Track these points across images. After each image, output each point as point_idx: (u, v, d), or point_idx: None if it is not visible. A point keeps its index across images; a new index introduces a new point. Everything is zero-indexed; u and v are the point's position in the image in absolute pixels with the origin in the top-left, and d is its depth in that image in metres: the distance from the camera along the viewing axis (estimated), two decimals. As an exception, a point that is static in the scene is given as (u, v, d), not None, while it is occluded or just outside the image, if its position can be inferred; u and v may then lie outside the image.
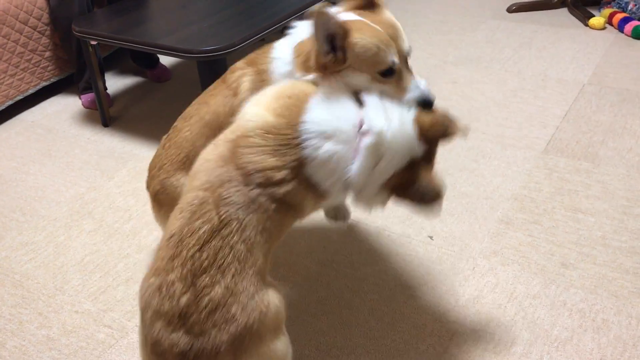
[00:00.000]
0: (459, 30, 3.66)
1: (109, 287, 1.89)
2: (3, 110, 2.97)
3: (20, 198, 2.37)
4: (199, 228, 1.23)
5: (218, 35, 2.34)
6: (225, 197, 1.25)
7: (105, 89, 2.93)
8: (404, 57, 1.37)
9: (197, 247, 1.22)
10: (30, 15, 2.92)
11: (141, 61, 3.25)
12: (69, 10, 2.80)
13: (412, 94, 1.36)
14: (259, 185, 1.26)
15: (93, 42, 2.63)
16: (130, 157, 2.58)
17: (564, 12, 3.81)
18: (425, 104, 1.36)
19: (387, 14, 1.41)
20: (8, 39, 2.86)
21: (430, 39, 3.56)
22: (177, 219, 1.27)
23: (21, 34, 2.91)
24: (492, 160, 2.36)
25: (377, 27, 1.34)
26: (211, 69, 2.32)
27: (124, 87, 3.25)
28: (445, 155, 2.42)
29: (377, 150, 1.28)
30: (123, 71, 3.44)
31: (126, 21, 2.58)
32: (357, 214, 2.11)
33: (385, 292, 1.79)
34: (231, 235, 1.23)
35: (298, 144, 1.28)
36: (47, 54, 3.06)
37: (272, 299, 1.26)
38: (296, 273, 1.89)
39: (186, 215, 1.25)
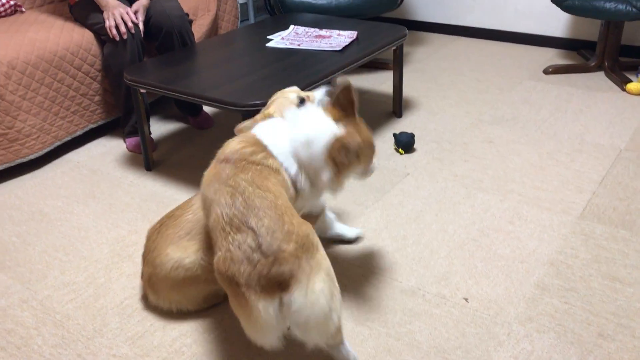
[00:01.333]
0: (495, 89, 3.71)
1: (147, 332, 1.93)
2: (51, 150, 3.09)
3: (64, 237, 2.45)
4: (225, 200, 1.58)
5: (263, 90, 2.43)
6: (227, 176, 1.64)
7: (150, 133, 3.04)
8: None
9: (230, 207, 1.56)
10: (84, 62, 3.07)
11: (185, 108, 3.36)
12: (121, 58, 2.94)
13: None
14: (242, 159, 1.69)
15: (142, 91, 2.74)
16: (171, 202, 2.65)
17: (600, 75, 3.84)
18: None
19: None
20: (62, 84, 3.00)
21: (467, 96, 3.62)
22: (205, 215, 1.69)
23: (74, 79, 3.05)
24: (528, 223, 2.37)
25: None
26: (255, 122, 2.41)
27: (167, 133, 3.36)
28: (481, 215, 2.43)
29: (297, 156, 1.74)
30: (167, 117, 3.56)
31: (175, 72, 2.69)
32: (394, 272, 2.13)
33: (419, 353, 1.79)
34: (245, 188, 1.59)
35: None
36: (97, 98, 3.19)
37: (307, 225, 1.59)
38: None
39: (212, 206, 1.62)
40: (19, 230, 2.52)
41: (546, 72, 3.91)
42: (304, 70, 2.64)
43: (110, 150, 3.19)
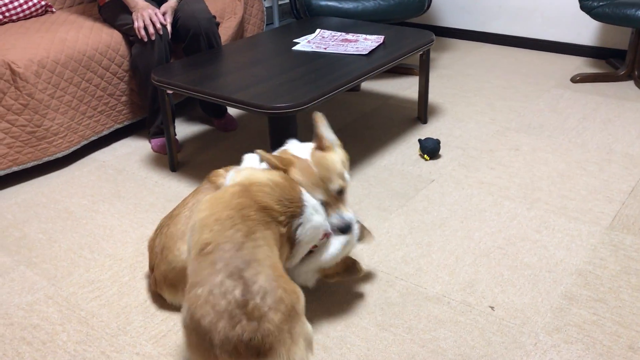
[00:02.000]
0: (522, 97, 3.67)
1: (170, 331, 1.94)
2: (78, 149, 3.12)
3: (89, 236, 2.47)
4: (233, 235, 1.49)
5: (289, 93, 2.43)
6: (248, 215, 1.55)
7: (175, 134, 3.05)
8: (331, 193, 1.79)
9: (236, 248, 1.46)
10: (112, 62, 3.10)
11: (210, 110, 3.38)
12: (149, 59, 2.96)
13: (332, 220, 1.81)
14: (270, 215, 1.61)
15: (169, 92, 2.76)
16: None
17: (630, 85, 3.79)
18: (342, 230, 1.82)
19: (331, 156, 1.83)
20: (90, 83, 3.03)
21: (492, 104, 3.58)
22: (206, 232, 1.51)
23: (102, 78, 3.08)
24: (556, 233, 2.33)
25: (313, 169, 1.78)
26: (282, 124, 2.40)
27: (192, 134, 3.37)
28: (507, 223, 2.40)
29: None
30: (192, 118, 3.58)
31: (202, 74, 2.70)
32: (419, 279, 2.11)
33: (444, 361, 1.77)
34: (258, 239, 1.51)
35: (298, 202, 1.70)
36: (123, 98, 3.22)
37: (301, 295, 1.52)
38: (353, 333, 1.89)
39: (216, 228, 1.51)
40: (45, 227, 2.54)
41: (574, 80, 3.86)
42: (331, 73, 2.63)
43: (135, 150, 3.22)
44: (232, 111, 3.54)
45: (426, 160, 2.95)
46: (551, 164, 2.86)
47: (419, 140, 2.99)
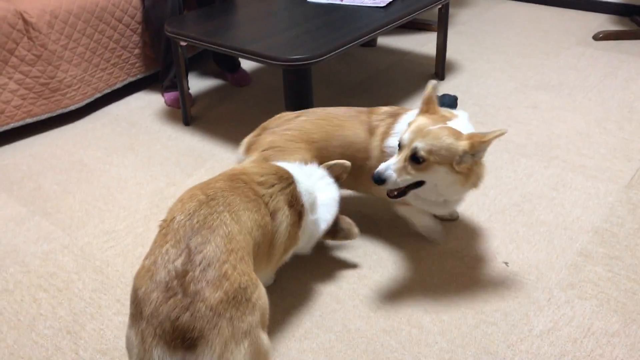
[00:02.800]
0: (541, 54, 3.59)
1: (184, 281, 1.95)
2: (91, 102, 3.11)
3: (104, 187, 2.48)
4: (188, 206, 1.37)
5: (304, 45, 2.38)
6: (211, 185, 1.46)
7: (188, 88, 3.02)
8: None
9: (187, 217, 1.33)
10: (125, 14, 3.06)
11: (224, 64, 3.34)
12: (162, 11, 2.92)
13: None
14: (245, 181, 1.52)
15: (183, 43, 2.72)
16: (209, 157, 2.65)
17: (653, 43, 3.68)
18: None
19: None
20: (103, 35, 3.00)
21: (511, 61, 3.51)
22: (170, 210, 1.43)
23: (115, 30, 3.04)
24: (573, 191, 2.30)
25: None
26: (296, 77, 2.36)
27: (205, 89, 3.34)
28: (524, 180, 2.37)
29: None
30: (205, 73, 3.55)
31: (216, 25, 2.66)
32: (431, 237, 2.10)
33: (457, 314, 1.77)
34: (217, 204, 1.37)
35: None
36: (137, 51, 3.19)
37: (262, 288, 1.34)
38: (366, 286, 1.89)
39: (178, 205, 1.41)
40: (60, 178, 2.55)
41: (596, 38, 3.76)
42: (346, 26, 2.57)
43: (149, 104, 3.20)
44: (245, 66, 3.49)
45: (442, 117, 2.90)
46: (570, 122, 2.81)
47: (437, 97, 2.94)
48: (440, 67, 3.28)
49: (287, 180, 1.63)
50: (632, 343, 1.65)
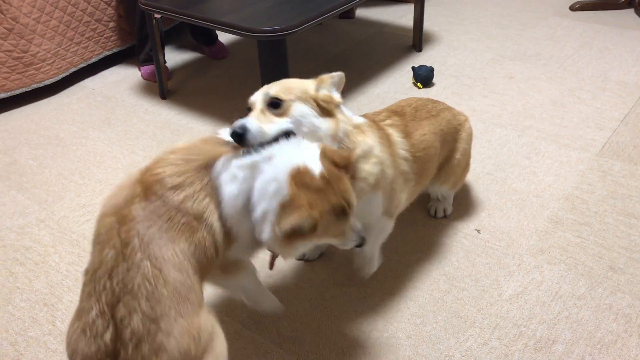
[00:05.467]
0: (519, 25, 3.60)
1: (160, 253, 1.96)
2: (67, 76, 3.08)
3: (80, 161, 2.47)
4: (107, 256, 1.15)
5: (279, 16, 2.37)
6: (126, 215, 1.18)
7: (165, 62, 3.00)
8: None
9: (106, 276, 1.14)
10: (98, -14, 3.01)
11: (200, 37, 3.31)
12: (136, -17, 2.88)
13: None
14: (158, 195, 1.21)
15: (157, 16, 2.69)
16: (186, 130, 2.65)
17: (629, 13, 3.70)
18: None
19: None
20: (76, 8, 2.96)
21: (489, 32, 3.51)
22: (92, 253, 1.21)
23: (89, 3, 3.00)
24: (545, 159, 2.34)
25: None
26: (271, 48, 2.36)
27: (182, 62, 3.32)
28: (498, 150, 2.40)
29: None
30: (182, 46, 3.52)
31: (190, -3, 2.63)
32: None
33: (429, 280, 1.81)
34: (134, 252, 1.14)
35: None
36: (111, 24, 3.15)
37: (205, 323, 1.16)
38: (340, 255, 1.92)
39: (97, 247, 1.19)
40: (36, 153, 2.54)
41: (573, 8, 3.77)
42: (322, -3, 2.56)
43: (125, 78, 3.17)
44: (223, 39, 3.46)
45: (419, 88, 2.92)
46: (545, 91, 2.83)
47: (413, 68, 2.95)
48: (417, 39, 3.28)
49: (206, 170, 1.28)
50: (597, 305, 1.70)
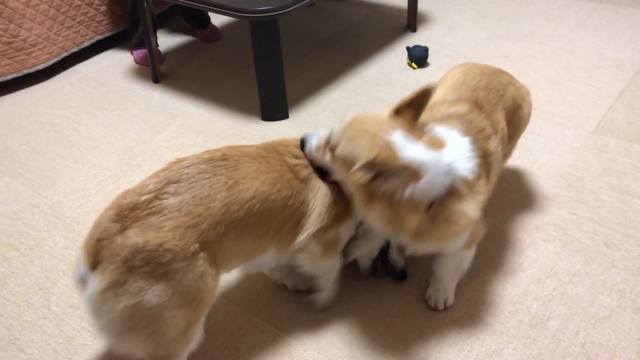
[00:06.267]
0: (514, 3, 3.57)
1: (155, 236, 1.96)
2: (59, 61, 3.05)
3: (73, 146, 2.46)
4: (200, 157, 1.39)
5: (271, -4, 2.35)
6: (238, 149, 1.46)
7: (157, 45, 2.98)
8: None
9: (188, 165, 1.35)
10: (89, -31, 2.97)
11: (193, 20, 3.28)
12: (126, -35, 2.84)
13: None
14: (278, 152, 1.49)
15: (148, -2, 2.67)
16: (179, 114, 2.63)
17: (625, -10, 3.67)
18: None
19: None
20: (66, -8, 2.92)
21: (483, 11, 3.49)
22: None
23: (79, -13, 2.97)
24: (541, 137, 2.33)
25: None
26: (264, 30, 2.34)
27: (175, 46, 3.29)
28: (492, 129, 2.39)
29: None
30: (174, 29, 3.48)
31: (181, -22, 2.60)
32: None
33: (423, 259, 1.81)
34: (221, 167, 1.36)
35: None
36: (103, 8, 3.12)
37: (199, 267, 1.29)
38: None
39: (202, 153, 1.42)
40: (29, 139, 2.52)
41: (568, -14, 3.73)
42: (315, -23, 2.53)
43: (117, 62, 3.15)
44: (215, 22, 3.43)
45: (414, 68, 2.90)
46: (540, 70, 2.82)
47: (407, 48, 2.93)
48: (412, 19, 3.25)
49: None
50: (592, 281, 1.70)
